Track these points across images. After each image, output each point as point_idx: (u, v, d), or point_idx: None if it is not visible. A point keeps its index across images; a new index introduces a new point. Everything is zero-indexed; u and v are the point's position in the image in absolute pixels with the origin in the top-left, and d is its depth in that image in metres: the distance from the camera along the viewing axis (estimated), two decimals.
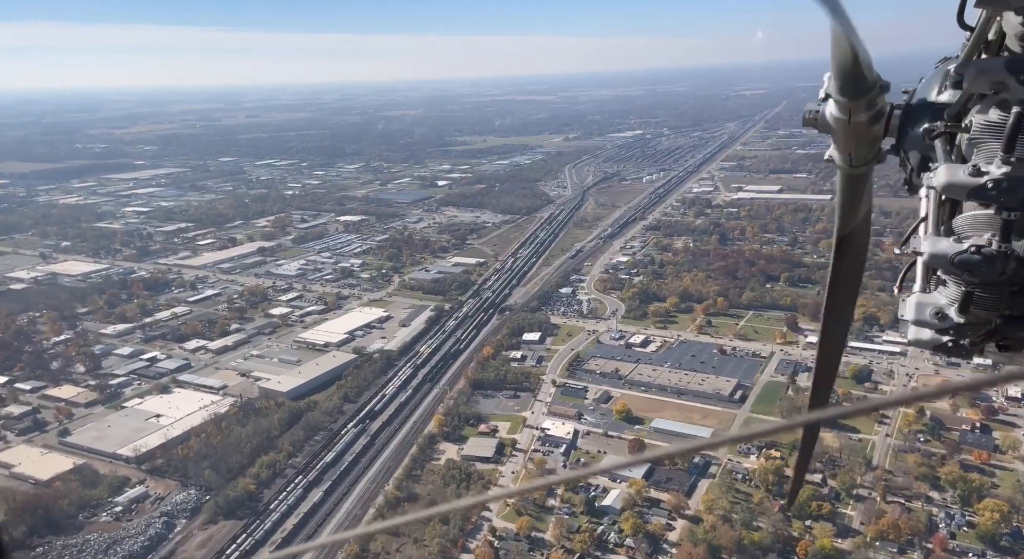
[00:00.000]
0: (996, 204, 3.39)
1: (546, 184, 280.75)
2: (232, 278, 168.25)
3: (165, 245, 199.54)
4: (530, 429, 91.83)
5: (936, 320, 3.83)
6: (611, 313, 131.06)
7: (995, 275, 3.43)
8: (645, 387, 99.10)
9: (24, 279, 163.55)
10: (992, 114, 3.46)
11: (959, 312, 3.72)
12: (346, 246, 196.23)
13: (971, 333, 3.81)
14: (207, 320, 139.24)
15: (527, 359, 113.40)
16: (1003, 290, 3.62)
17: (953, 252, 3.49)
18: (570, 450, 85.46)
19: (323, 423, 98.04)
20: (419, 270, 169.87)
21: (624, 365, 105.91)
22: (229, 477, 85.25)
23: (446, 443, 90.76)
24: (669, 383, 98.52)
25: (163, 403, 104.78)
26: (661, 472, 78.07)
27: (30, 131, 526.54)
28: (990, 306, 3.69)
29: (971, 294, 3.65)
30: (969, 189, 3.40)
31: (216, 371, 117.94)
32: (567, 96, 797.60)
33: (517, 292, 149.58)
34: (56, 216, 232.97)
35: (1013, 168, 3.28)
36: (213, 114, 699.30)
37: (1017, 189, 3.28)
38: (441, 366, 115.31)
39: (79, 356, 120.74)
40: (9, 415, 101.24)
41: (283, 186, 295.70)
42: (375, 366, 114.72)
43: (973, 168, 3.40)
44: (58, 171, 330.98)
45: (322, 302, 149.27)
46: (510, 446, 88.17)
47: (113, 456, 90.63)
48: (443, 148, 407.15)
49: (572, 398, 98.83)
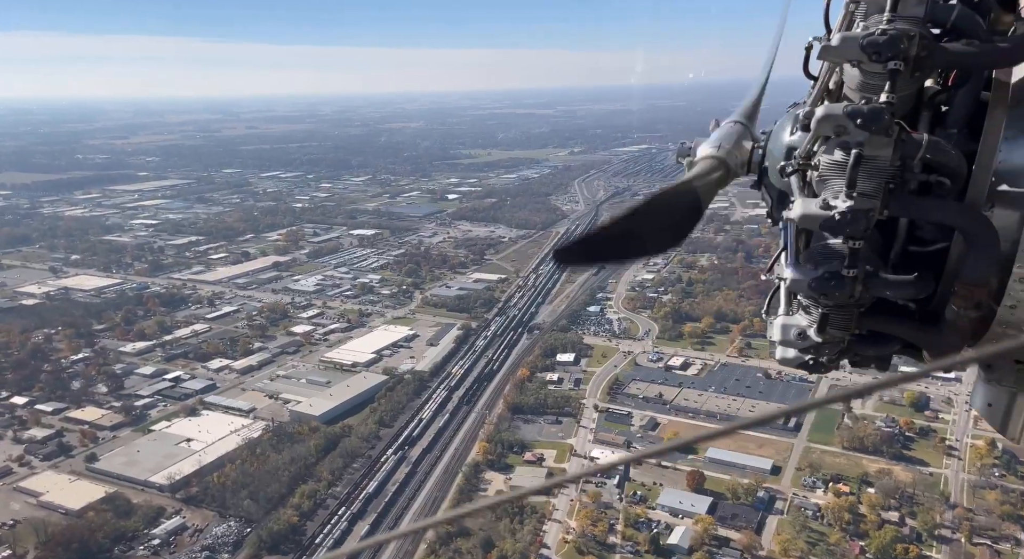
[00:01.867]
0: (843, 234, 3.75)
1: (557, 198, 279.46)
2: (249, 294, 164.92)
3: (177, 259, 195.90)
4: (578, 458, 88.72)
5: (799, 340, 4.19)
6: (644, 333, 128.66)
7: (846, 298, 3.82)
8: (692, 413, 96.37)
9: (36, 294, 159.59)
10: (836, 154, 3.81)
11: (818, 332, 4.08)
12: (362, 261, 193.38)
13: (828, 351, 4.23)
14: (228, 338, 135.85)
15: (564, 381, 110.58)
16: (853, 311, 3.99)
17: (810, 278, 3.86)
18: (623, 481, 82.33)
19: (361, 449, 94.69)
20: (440, 286, 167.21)
21: (667, 389, 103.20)
22: (269, 508, 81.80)
23: (492, 472, 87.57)
24: (717, 409, 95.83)
25: (192, 426, 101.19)
26: (725, 507, 75.11)
27: (28, 141, 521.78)
28: (843, 326, 4.04)
29: (827, 315, 4.00)
30: (820, 221, 3.75)
31: (242, 392, 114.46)
32: (566, 110, 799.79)
33: (543, 310, 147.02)
34: (63, 228, 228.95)
35: (856, 202, 3.67)
36: (212, 125, 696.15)
37: (860, 221, 3.65)
38: (476, 388, 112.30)
39: (100, 376, 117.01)
40: (32, 439, 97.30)
41: (291, 198, 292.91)
42: (408, 388, 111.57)
43: (823, 202, 3.78)
44: (60, 182, 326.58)
45: (344, 319, 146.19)
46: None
47: (145, 484, 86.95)
48: (448, 161, 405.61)
49: (617, 424, 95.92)
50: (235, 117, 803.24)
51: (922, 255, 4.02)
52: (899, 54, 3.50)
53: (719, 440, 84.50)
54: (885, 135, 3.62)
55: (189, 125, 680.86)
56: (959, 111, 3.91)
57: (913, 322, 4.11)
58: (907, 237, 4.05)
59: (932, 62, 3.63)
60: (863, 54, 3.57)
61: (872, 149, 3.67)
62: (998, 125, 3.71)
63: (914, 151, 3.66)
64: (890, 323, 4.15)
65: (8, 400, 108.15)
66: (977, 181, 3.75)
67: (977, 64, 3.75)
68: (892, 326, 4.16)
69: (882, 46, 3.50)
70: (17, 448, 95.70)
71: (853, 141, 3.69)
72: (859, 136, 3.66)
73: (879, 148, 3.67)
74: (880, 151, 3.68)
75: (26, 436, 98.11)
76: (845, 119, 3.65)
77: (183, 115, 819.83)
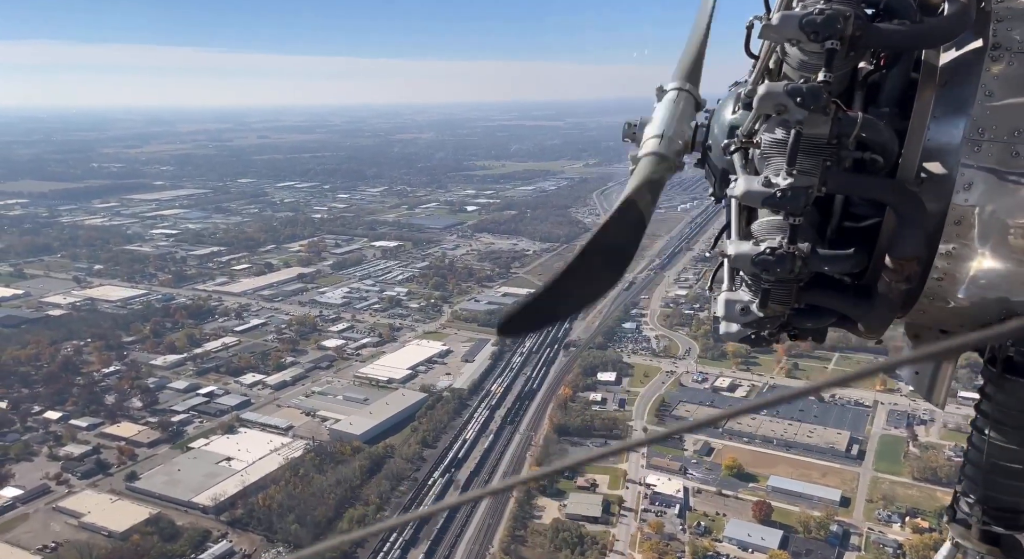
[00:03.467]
0: (784, 211, 3.88)
1: (577, 211, 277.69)
2: (276, 306, 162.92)
3: (200, 270, 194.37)
4: (633, 484, 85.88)
5: (742, 315, 4.29)
6: (685, 352, 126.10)
7: (787, 273, 3.93)
8: (747, 438, 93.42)
9: (62, 305, 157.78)
10: (777, 132, 3.95)
11: (760, 307, 4.17)
12: (387, 273, 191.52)
13: (769, 325, 4.34)
14: (259, 352, 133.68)
15: (608, 402, 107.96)
16: (793, 286, 4.12)
17: (753, 254, 3.94)
18: (684, 511, 79.37)
19: (406, 471, 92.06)
20: (469, 300, 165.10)
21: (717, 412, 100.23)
22: (317, 533, 79.04)
23: (544, 498, 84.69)
24: (773, 434, 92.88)
25: (231, 444, 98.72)
26: (797, 542, 71.97)
27: (42, 149, 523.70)
28: (783, 300, 4.17)
29: (769, 291, 4.09)
30: (762, 198, 3.88)
31: (278, 409, 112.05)
32: (575, 122, 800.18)
33: (577, 326, 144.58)
34: (84, 238, 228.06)
35: (795, 179, 3.79)
36: (223, 135, 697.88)
37: (799, 197, 3.79)
38: (518, 407, 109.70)
39: (133, 390, 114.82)
40: (69, 456, 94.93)
41: (309, 209, 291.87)
42: (447, 406, 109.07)
43: (764, 179, 3.89)
44: (77, 191, 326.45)
45: (376, 334, 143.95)
46: (616, 504, 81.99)
47: (188, 504, 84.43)
48: (463, 172, 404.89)
49: (669, 449, 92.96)
50: (246, 127, 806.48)
51: (856, 230, 4.13)
52: (836, 34, 3.57)
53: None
54: (823, 113, 3.71)
55: (200, 135, 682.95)
56: (891, 90, 4.02)
57: (848, 295, 4.22)
58: (842, 213, 4.16)
59: (866, 42, 3.70)
60: (802, 33, 3.63)
61: (811, 127, 3.75)
62: (927, 105, 3.83)
63: (850, 129, 3.75)
64: (827, 297, 4.25)
65: (42, 415, 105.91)
66: (907, 159, 3.87)
67: (907, 44, 3.85)
68: (829, 299, 4.26)
69: (820, 25, 3.57)
70: (53, 465, 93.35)
71: (793, 119, 3.75)
72: (798, 115, 3.72)
73: (817, 126, 3.75)
74: (818, 129, 3.75)
75: (62, 453, 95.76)
76: (785, 97, 3.70)
77: (193, 124, 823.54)
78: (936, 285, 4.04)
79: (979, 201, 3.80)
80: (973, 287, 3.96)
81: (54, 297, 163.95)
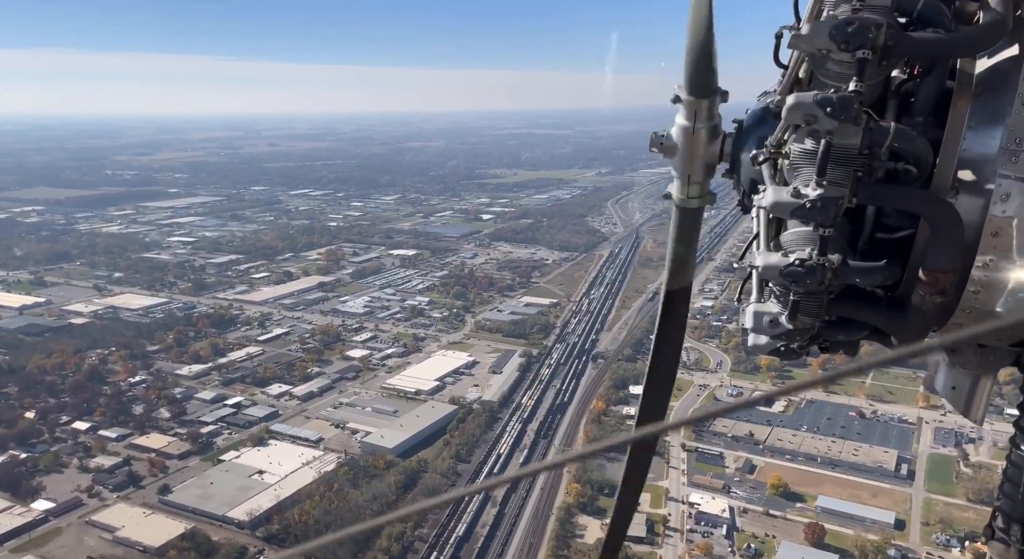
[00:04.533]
0: (814, 222, 3.83)
1: (594, 220, 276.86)
2: (298, 315, 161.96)
3: (219, 278, 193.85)
4: (675, 502, 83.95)
5: (770, 327, 4.18)
6: (716, 365, 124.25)
7: (816, 285, 3.86)
8: (790, 455, 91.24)
9: (84, 313, 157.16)
10: (807, 143, 3.88)
11: (789, 319, 4.07)
12: (407, 282, 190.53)
13: (799, 338, 4.25)
14: (284, 362, 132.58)
15: None
16: (823, 298, 4.03)
17: (782, 265, 3.88)
18: (732, 531, 77.36)
19: (441, 487, 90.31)
20: (491, 310, 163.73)
21: (757, 428, 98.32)
22: (356, 550, 77.54)
23: (584, 516, 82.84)
24: (817, 452, 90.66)
25: (262, 457, 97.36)
26: None
27: (55, 156, 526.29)
28: (813, 313, 4.08)
29: (798, 303, 4.01)
30: (791, 209, 3.82)
31: (307, 420, 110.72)
32: (584, 131, 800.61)
33: (604, 337, 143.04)
34: (102, 245, 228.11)
35: (825, 190, 3.73)
36: (234, 142, 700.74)
37: (829, 208, 3.73)
38: (550, 421, 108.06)
39: (161, 400, 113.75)
40: (100, 467, 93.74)
41: (324, 217, 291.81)
42: (479, 419, 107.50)
43: (793, 190, 3.83)
44: (92, 198, 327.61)
45: (400, 344, 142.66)
46: (660, 523, 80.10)
47: (223, 519, 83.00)
48: (475, 181, 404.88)
49: (709, 466, 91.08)
50: (255, 134, 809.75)
51: (889, 242, 4.07)
52: (867, 43, 3.53)
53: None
54: (854, 123, 3.67)
55: (211, 142, 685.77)
56: (925, 100, 3.95)
57: (881, 308, 4.14)
58: (874, 224, 4.11)
59: (899, 51, 3.67)
60: (832, 43, 3.59)
61: (841, 137, 3.71)
62: (962, 114, 3.77)
63: (882, 139, 3.70)
64: (859, 309, 4.18)
65: (70, 425, 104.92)
66: (942, 169, 3.81)
67: (942, 53, 3.79)
68: (861, 312, 4.19)
69: (851, 35, 3.53)
70: (84, 477, 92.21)
71: (823, 129, 3.71)
72: (829, 125, 3.68)
73: (848, 136, 3.71)
74: (849, 139, 3.71)
75: (93, 465, 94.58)
76: (815, 107, 3.67)
77: (204, 132, 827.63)
78: (973, 298, 3.91)
79: (1017, 212, 3.70)
80: (1011, 300, 3.81)
81: (76, 305, 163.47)
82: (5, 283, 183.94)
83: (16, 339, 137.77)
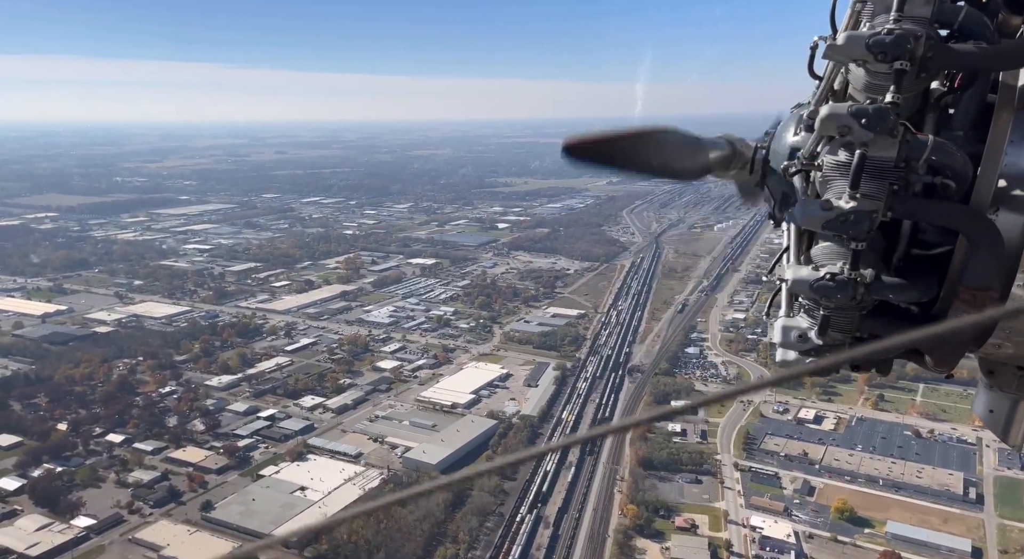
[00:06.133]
0: (846, 235, 3.74)
1: (611, 229, 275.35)
2: (323, 325, 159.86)
3: (239, 287, 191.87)
4: (735, 526, 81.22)
5: (799, 342, 4.08)
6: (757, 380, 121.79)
7: (848, 300, 3.77)
8: (849, 477, 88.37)
9: (107, 321, 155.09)
10: (840, 154, 3.80)
11: (819, 334, 3.99)
12: (429, 291, 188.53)
13: (829, 354, 4.12)
14: (314, 373, 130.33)
15: (688, 433, 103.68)
16: (855, 314, 3.92)
17: (812, 279, 3.81)
18: (799, 558, 74.65)
19: (490, 506, 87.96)
20: (518, 321, 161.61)
21: (810, 447, 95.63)
22: None
23: (642, 539, 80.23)
24: (877, 473, 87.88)
25: (303, 473, 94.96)
26: None
27: (63, 163, 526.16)
28: (844, 328, 3.97)
29: (828, 318, 3.92)
30: (823, 222, 3.75)
31: (343, 434, 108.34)
32: None
33: (637, 350, 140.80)
34: (119, 253, 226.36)
35: (858, 203, 3.65)
36: (240, 150, 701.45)
37: (862, 222, 3.65)
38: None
39: (193, 412, 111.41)
40: (139, 482, 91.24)
41: (339, 225, 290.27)
42: (520, 435, 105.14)
43: (825, 203, 3.76)
44: (104, 205, 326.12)
45: (430, 355, 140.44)
46: (724, 548, 77.38)
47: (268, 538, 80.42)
48: (486, 189, 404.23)
49: (765, 487, 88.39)
50: (261, 142, 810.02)
51: (925, 258, 3.97)
52: (905, 54, 3.47)
53: None
54: (890, 136, 3.59)
55: (217, 150, 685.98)
56: (965, 113, 3.84)
57: (915, 326, 4.01)
58: (910, 240, 3.99)
59: (938, 63, 3.59)
60: (869, 54, 3.53)
61: (876, 150, 3.64)
62: (1004, 128, 3.68)
63: (919, 152, 3.62)
64: (892, 326, 4.01)
65: (104, 437, 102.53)
66: (982, 184, 3.70)
67: (983, 66, 3.69)
68: (894, 330, 4.00)
69: (888, 46, 3.46)
70: (122, 492, 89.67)
71: (857, 141, 3.64)
72: (863, 136, 3.61)
73: (884, 149, 3.63)
74: (885, 152, 3.64)
75: (131, 479, 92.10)
76: (849, 119, 3.60)
77: (209, 140, 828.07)
78: (1014, 318, 3.79)
79: None
80: None
81: (98, 313, 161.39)
82: (25, 290, 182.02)
83: (41, 348, 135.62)
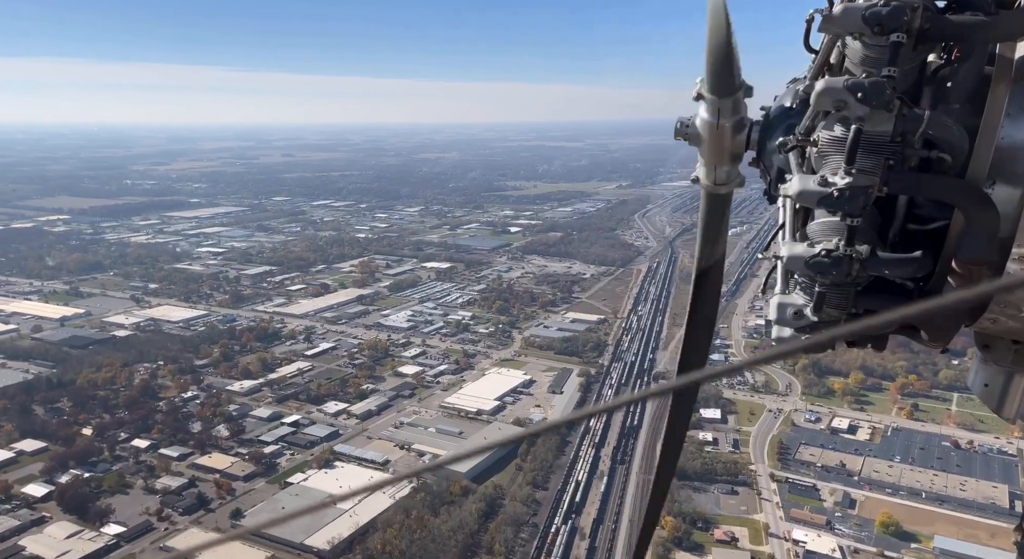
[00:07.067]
0: (841, 211, 3.69)
1: (623, 233, 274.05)
2: (341, 329, 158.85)
3: (255, 290, 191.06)
4: (777, 539, 79.62)
5: (795, 319, 4.10)
6: (786, 388, 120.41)
7: (843, 277, 3.75)
8: (891, 489, 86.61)
9: (126, 325, 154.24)
10: (836, 130, 3.77)
11: (814, 311, 3.97)
12: (446, 296, 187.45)
13: (824, 330, 4.12)
14: (336, 378, 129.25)
15: (720, 443, 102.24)
16: (850, 290, 3.91)
17: (807, 256, 3.78)
18: None
19: (523, 516, 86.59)
20: (537, 326, 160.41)
21: (848, 458, 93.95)
22: None
23: (681, 552, 78.77)
24: (919, 485, 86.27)
25: (330, 480, 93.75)
26: None
27: (72, 166, 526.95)
28: (839, 305, 3.96)
29: (824, 295, 3.90)
30: (818, 198, 3.70)
31: (369, 441, 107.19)
32: (595, 143, 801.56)
33: (661, 357, 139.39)
34: (132, 255, 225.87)
35: (854, 179, 3.61)
36: (247, 152, 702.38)
37: (858, 197, 3.59)
38: (624, 446, 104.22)
39: (217, 417, 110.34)
40: (166, 489, 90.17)
41: (351, 228, 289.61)
42: (549, 442, 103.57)
43: (821, 178, 3.72)
44: (116, 208, 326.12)
45: (451, 360, 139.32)
46: None
47: (302, 547, 79.39)
48: (496, 193, 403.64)
49: (804, 498, 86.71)
50: (268, 145, 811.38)
51: (921, 233, 3.93)
52: (902, 26, 3.41)
53: None
54: (886, 110, 3.54)
55: (224, 152, 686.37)
56: (962, 86, 3.75)
57: (911, 301, 3.98)
58: (906, 215, 3.97)
59: (935, 35, 3.54)
60: (865, 26, 3.46)
61: (872, 124, 3.59)
62: (1001, 101, 3.61)
63: (915, 126, 3.59)
64: (887, 302, 3.99)
65: (129, 443, 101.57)
66: (979, 158, 3.65)
67: (981, 37, 3.60)
68: (890, 306, 3.96)
69: (885, 18, 3.39)
70: (151, 499, 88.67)
71: (853, 116, 3.59)
72: (859, 111, 3.56)
73: (880, 123, 3.59)
74: (880, 126, 3.59)
75: (158, 486, 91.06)
76: (845, 93, 3.55)
77: (216, 142, 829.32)
78: (1008, 292, 3.76)
79: None
80: None
81: (116, 317, 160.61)
82: (41, 293, 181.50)
83: (62, 352, 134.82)
